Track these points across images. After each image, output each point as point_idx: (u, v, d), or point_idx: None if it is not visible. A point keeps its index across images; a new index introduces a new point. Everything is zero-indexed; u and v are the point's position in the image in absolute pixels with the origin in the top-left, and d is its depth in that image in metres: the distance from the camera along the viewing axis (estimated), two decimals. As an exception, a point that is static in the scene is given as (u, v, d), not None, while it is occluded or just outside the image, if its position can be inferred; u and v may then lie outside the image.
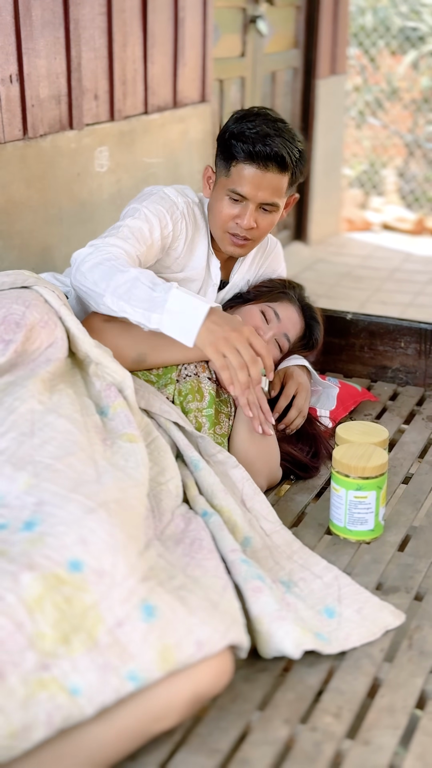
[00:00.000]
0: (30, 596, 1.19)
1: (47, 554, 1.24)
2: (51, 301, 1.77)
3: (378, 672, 1.42)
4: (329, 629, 1.48)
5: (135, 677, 1.21)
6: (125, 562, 1.27)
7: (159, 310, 1.72)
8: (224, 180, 2.01)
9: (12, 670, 1.14)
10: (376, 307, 4.34)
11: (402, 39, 6.47)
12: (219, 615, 1.33)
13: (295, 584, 1.59)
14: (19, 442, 1.45)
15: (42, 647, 1.18)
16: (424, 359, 2.46)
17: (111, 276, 1.78)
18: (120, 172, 2.95)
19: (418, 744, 1.27)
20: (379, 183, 6.54)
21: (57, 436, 1.48)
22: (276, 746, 1.26)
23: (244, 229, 2.01)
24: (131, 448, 1.57)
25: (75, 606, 1.22)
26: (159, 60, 3.09)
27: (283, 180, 2.00)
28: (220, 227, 2.05)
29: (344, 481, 1.74)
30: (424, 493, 1.96)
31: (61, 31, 2.57)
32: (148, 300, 1.73)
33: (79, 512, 1.30)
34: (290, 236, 5.09)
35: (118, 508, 1.35)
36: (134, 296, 1.75)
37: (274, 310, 2.15)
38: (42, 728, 1.14)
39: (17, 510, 1.34)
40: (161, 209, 2.01)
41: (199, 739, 1.27)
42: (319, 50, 4.76)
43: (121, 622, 1.24)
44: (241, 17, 4.04)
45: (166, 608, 1.27)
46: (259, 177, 1.96)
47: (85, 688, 1.18)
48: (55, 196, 2.64)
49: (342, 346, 2.55)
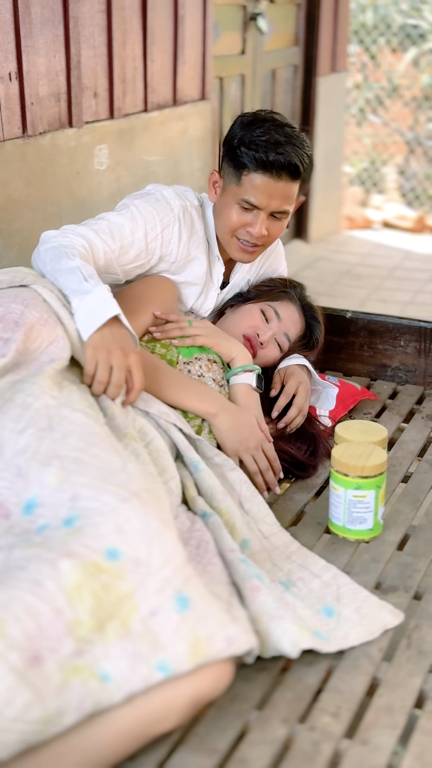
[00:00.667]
0: (69, 583, 1.20)
1: (86, 543, 1.25)
2: (50, 301, 1.77)
3: (376, 671, 1.42)
4: (328, 628, 1.48)
5: (164, 667, 1.22)
6: (160, 551, 1.28)
7: (79, 297, 1.74)
8: (234, 188, 1.99)
9: (50, 656, 1.16)
10: (376, 305, 4.34)
11: (403, 36, 6.46)
12: (236, 621, 1.34)
13: (294, 584, 1.59)
14: (40, 437, 1.45)
15: (78, 634, 1.19)
16: (424, 358, 2.46)
17: (57, 260, 1.82)
18: (120, 170, 2.95)
19: (417, 743, 1.27)
20: (379, 181, 6.53)
21: (76, 429, 1.48)
22: (274, 746, 1.26)
23: (255, 237, 2.01)
24: (136, 446, 1.60)
25: (112, 594, 1.23)
26: (159, 58, 3.08)
27: (295, 187, 1.99)
28: (228, 233, 2.04)
29: (343, 480, 1.74)
30: (424, 492, 1.95)
31: (60, 28, 2.57)
32: (75, 288, 1.76)
33: (114, 502, 1.31)
34: (290, 234, 5.08)
35: (149, 496, 1.36)
36: (68, 280, 1.78)
37: (275, 309, 2.14)
38: (73, 713, 1.16)
39: (54, 508, 1.35)
40: (152, 210, 2.00)
41: (197, 738, 1.27)
42: (320, 48, 4.75)
43: (154, 612, 1.25)
44: (241, 15, 4.03)
45: (200, 600, 1.28)
46: (271, 186, 1.95)
47: (115, 675, 1.19)
48: (54, 195, 2.64)
49: (342, 344, 2.55)
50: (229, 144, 2.00)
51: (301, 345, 2.22)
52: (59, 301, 1.78)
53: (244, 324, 2.11)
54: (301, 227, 5.14)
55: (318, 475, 2.02)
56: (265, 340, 2.10)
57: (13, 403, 1.52)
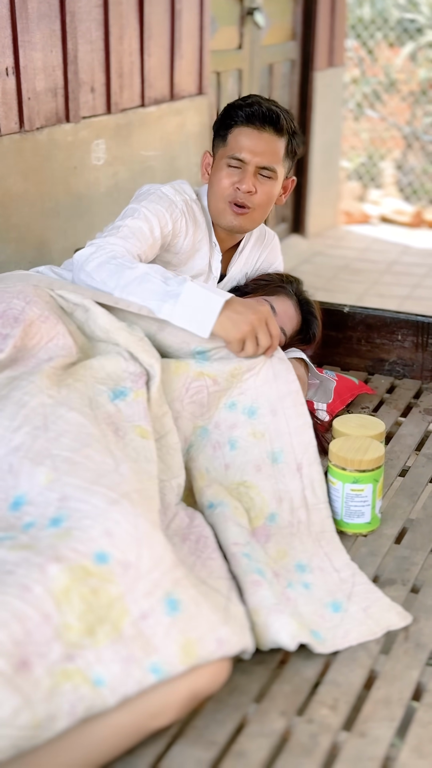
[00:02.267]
0: (57, 588, 1.19)
1: (74, 546, 1.24)
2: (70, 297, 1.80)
3: (374, 664, 1.42)
4: (329, 625, 1.48)
5: (157, 670, 1.22)
6: (150, 553, 1.28)
7: (171, 302, 1.74)
8: (222, 151, 2.06)
9: (38, 661, 1.15)
10: (374, 300, 4.34)
11: (400, 31, 6.46)
12: (231, 620, 1.34)
13: (312, 570, 1.60)
14: (34, 436, 1.45)
15: (68, 638, 1.18)
16: (421, 352, 2.47)
17: (120, 273, 1.80)
18: (117, 165, 2.94)
19: (414, 736, 1.27)
20: (377, 175, 6.53)
21: (71, 428, 1.47)
22: (272, 738, 1.26)
23: (243, 193, 2.04)
24: (142, 443, 1.58)
25: (101, 598, 1.22)
26: (156, 52, 3.08)
27: (280, 144, 2.04)
28: (220, 198, 2.07)
29: (341, 473, 1.74)
30: (421, 486, 1.96)
31: (57, 23, 2.56)
32: (160, 292, 1.76)
33: (103, 504, 1.30)
34: (288, 229, 5.08)
35: (140, 498, 1.35)
36: (146, 289, 1.76)
37: (271, 303, 2.15)
38: (65, 718, 1.15)
39: (42, 507, 1.34)
40: (160, 208, 2.01)
41: (195, 731, 1.27)
42: (317, 42, 4.75)
43: (145, 615, 1.25)
44: (238, 9, 4.03)
45: (190, 602, 1.28)
46: (255, 138, 2.01)
47: (109, 679, 1.19)
48: (51, 190, 2.64)
49: (339, 339, 2.55)
50: (217, 120, 2.10)
51: (298, 340, 2.23)
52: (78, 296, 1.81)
53: None
54: (299, 222, 5.14)
55: (316, 469, 2.02)
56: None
57: (9, 401, 1.52)
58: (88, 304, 1.79)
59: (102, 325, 1.77)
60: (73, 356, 1.73)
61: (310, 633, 1.44)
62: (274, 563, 1.61)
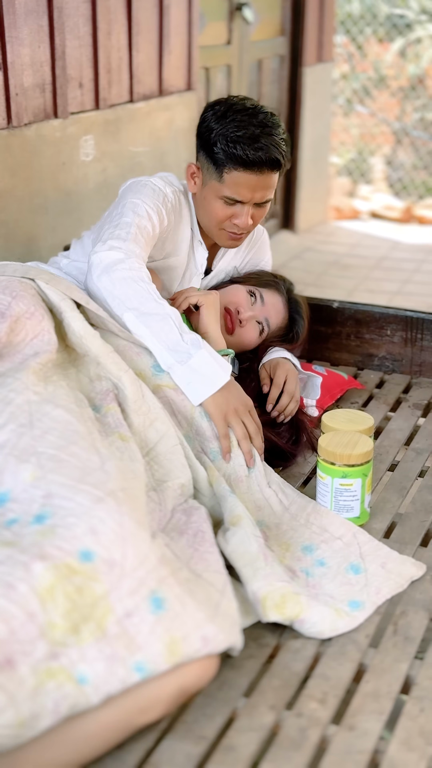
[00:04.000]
0: (42, 586, 1.19)
1: (58, 545, 1.24)
2: (51, 295, 1.78)
3: (363, 658, 1.42)
4: (359, 587, 1.55)
5: (141, 668, 1.22)
6: (135, 551, 1.28)
7: (180, 361, 1.77)
8: (216, 185, 2.01)
9: (23, 660, 1.15)
10: (364, 295, 4.34)
11: (389, 26, 6.46)
12: (221, 615, 1.34)
13: (318, 546, 1.66)
14: (19, 433, 1.45)
15: (52, 637, 1.18)
16: (410, 347, 2.47)
17: (144, 300, 1.80)
18: (106, 161, 2.94)
19: (403, 729, 1.28)
20: (367, 171, 6.54)
21: (57, 426, 1.47)
22: (262, 732, 1.27)
23: (241, 228, 2.04)
24: (123, 445, 1.59)
25: (86, 596, 1.22)
26: (144, 48, 3.07)
27: (276, 176, 2.02)
28: (215, 226, 2.07)
29: (330, 468, 1.74)
30: (410, 481, 1.96)
31: (44, 18, 2.56)
32: (174, 345, 1.78)
33: (88, 502, 1.30)
34: (278, 225, 5.08)
35: (125, 496, 1.35)
36: (162, 330, 1.79)
37: (261, 293, 2.17)
38: (49, 717, 1.15)
39: (26, 504, 1.34)
40: (158, 204, 2.00)
41: (185, 726, 1.27)
42: (306, 38, 4.74)
43: (129, 613, 1.25)
44: (226, 4, 4.02)
45: (175, 601, 1.28)
46: (253, 181, 1.98)
47: (92, 678, 1.19)
48: (40, 186, 2.63)
49: (328, 334, 2.56)
50: (205, 138, 2.01)
51: (281, 337, 2.23)
52: (60, 294, 1.80)
53: (227, 298, 2.14)
54: (289, 218, 5.14)
55: (306, 464, 2.03)
56: (245, 318, 2.11)
57: None
58: (63, 306, 1.79)
59: (76, 330, 1.78)
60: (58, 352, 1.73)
61: (347, 606, 1.50)
62: (283, 558, 1.63)
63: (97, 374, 1.75)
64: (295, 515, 1.75)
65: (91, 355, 1.76)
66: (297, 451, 2.02)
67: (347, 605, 1.52)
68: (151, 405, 1.74)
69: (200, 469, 1.74)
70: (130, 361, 1.82)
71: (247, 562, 1.52)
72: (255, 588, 1.47)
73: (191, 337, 1.80)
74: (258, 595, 1.46)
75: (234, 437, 1.81)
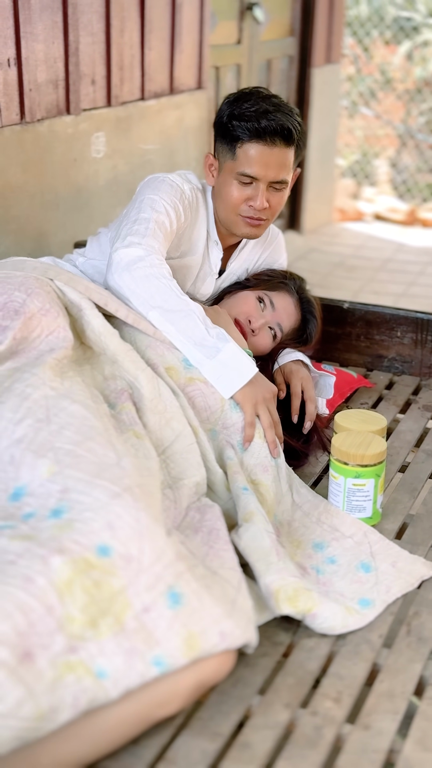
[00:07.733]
0: (60, 579, 1.19)
1: (76, 539, 1.24)
2: (69, 293, 1.79)
3: (377, 658, 1.43)
4: (369, 586, 1.56)
5: (160, 662, 1.22)
6: (152, 547, 1.28)
7: (209, 355, 1.79)
8: (230, 164, 2.01)
9: (41, 653, 1.15)
10: (369, 297, 4.35)
11: (396, 29, 6.46)
12: (237, 612, 1.34)
13: (329, 543, 1.68)
14: (36, 428, 1.45)
15: (71, 630, 1.18)
16: (420, 348, 2.47)
17: (167, 296, 1.81)
18: (116, 158, 2.94)
19: (418, 729, 1.28)
20: (371, 173, 6.54)
21: (73, 421, 1.47)
22: (277, 730, 1.27)
23: (258, 210, 2.02)
24: (138, 442, 1.59)
25: (103, 590, 1.23)
26: (156, 46, 3.08)
27: (290, 154, 2.01)
28: (232, 211, 2.05)
29: (343, 468, 1.74)
30: (421, 482, 1.96)
31: (59, 15, 2.56)
32: (201, 340, 1.80)
33: (105, 498, 1.30)
34: (284, 225, 5.08)
35: (141, 492, 1.35)
36: (188, 327, 1.80)
37: (270, 298, 2.15)
38: (68, 710, 1.15)
39: (43, 498, 1.34)
40: (176, 201, 2.00)
41: (200, 722, 1.27)
42: (315, 38, 4.75)
43: (147, 608, 1.25)
44: (237, 4, 4.02)
45: (192, 596, 1.28)
46: (266, 154, 1.97)
47: (111, 672, 1.19)
48: (51, 182, 2.63)
49: (338, 335, 2.56)
50: (219, 122, 2.03)
51: (295, 339, 2.23)
52: (80, 294, 1.80)
53: (237, 309, 2.12)
54: (295, 218, 5.15)
55: (317, 463, 2.03)
56: (257, 327, 2.10)
57: (11, 393, 1.52)
58: (83, 305, 1.79)
59: (95, 327, 1.78)
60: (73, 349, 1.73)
61: (358, 604, 1.51)
62: (294, 555, 1.64)
63: (111, 373, 1.75)
64: (307, 513, 1.76)
65: (108, 353, 1.77)
66: (309, 450, 2.02)
67: (357, 603, 1.52)
68: (167, 404, 1.74)
69: (218, 471, 1.74)
70: (161, 356, 1.82)
71: (260, 556, 1.53)
72: (268, 581, 1.47)
73: (217, 331, 1.81)
74: (271, 588, 1.47)
75: (260, 426, 1.82)
